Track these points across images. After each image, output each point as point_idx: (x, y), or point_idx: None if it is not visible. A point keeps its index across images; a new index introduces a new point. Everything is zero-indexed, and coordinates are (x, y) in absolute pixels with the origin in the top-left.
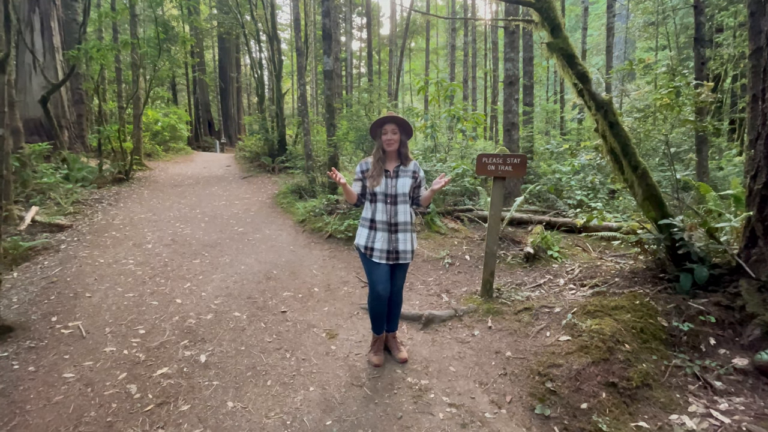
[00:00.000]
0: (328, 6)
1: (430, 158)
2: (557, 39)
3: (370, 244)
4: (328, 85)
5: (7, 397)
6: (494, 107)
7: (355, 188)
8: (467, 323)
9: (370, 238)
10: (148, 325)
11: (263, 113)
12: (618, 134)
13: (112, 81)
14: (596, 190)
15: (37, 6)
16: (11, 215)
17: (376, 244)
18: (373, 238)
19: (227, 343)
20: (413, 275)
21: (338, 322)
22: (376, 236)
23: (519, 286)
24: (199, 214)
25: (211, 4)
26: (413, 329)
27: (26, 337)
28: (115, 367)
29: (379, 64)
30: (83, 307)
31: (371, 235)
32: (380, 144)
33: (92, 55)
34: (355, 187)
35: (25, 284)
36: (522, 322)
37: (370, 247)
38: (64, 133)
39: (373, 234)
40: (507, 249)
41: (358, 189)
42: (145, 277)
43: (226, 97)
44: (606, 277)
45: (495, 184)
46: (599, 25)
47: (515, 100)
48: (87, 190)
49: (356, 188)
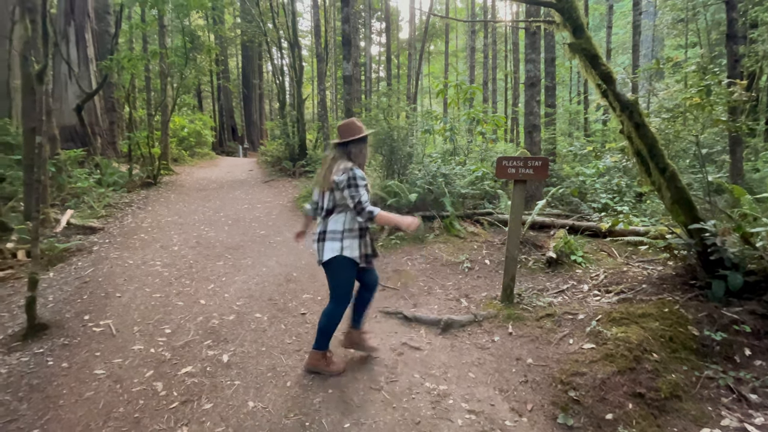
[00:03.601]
0: (347, 12)
1: (449, 161)
2: (580, 39)
3: (363, 251)
4: (348, 90)
5: (41, 392)
6: (515, 109)
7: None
8: (487, 329)
9: (362, 246)
10: (174, 324)
11: (284, 118)
12: (644, 135)
13: (142, 89)
14: (622, 193)
15: (72, 19)
16: (48, 218)
17: (368, 249)
18: (363, 244)
19: (249, 344)
20: (432, 279)
21: None
22: (364, 242)
23: (541, 292)
24: (223, 217)
25: (235, 13)
26: (431, 334)
27: (60, 334)
28: (142, 365)
29: (398, 68)
30: (113, 307)
31: (361, 243)
32: (365, 155)
33: (123, 65)
34: (367, 197)
35: (60, 284)
36: (544, 328)
37: (364, 254)
38: (97, 139)
39: (361, 241)
40: (528, 253)
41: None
42: (171, 278)
43: (248, 103)
44: (633, 283)
45: (516, 187)
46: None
47: (537, 101)
48: (118, 194)
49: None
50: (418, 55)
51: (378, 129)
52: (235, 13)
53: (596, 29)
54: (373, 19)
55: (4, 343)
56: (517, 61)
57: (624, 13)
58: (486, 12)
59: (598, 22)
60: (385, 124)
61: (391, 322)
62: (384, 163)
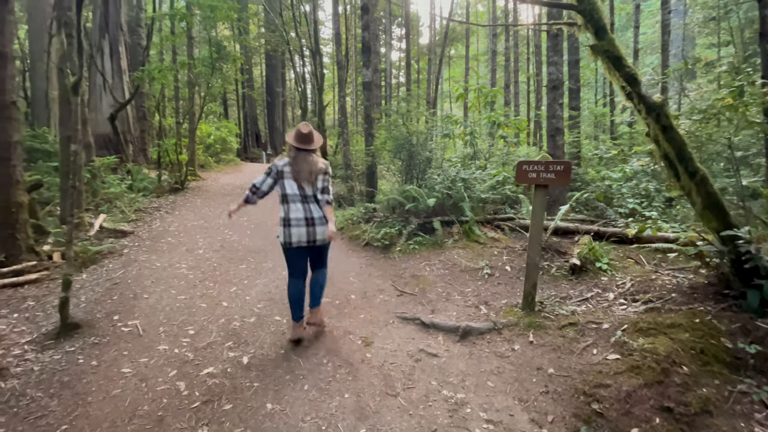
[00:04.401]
0: (367, 20)
1: (469, 165)
2: (602, 41)
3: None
4: (367, 96)
5: (71, 389)
6: (538, 112)
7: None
8: (507, 337)
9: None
10: (197, 326)
11: None
12: (672, 138)
13: (171, 98)
14: (651, 197)
15: (107, 33)
16: (83, 222)
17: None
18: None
19: (268, 347)
20: (450, 285)
21: (374, 330)
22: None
23: (564, 300)
24: (246, 221)
25: (259, 23)
26: (449, 341)
27: (91, 333)
28: (166, 365)
29: (418, 73)
30: (141, 308)
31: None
32: None
33: (154, 76)
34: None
35: (92, 285)
36: (566, 337)
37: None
38: (129, 147)
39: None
40: (551, 260)
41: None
42: (196, 281)
43: (272, 110)
44: (661, 292)
45: (537, 192)
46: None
47: (559, 104)
48: (147, 199)
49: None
50: (438, 59)
51: (397, 134)
52: (259, 23)
53: (623, 29)
54: (393, 25)
55: (38, 341)
56: (539, 64)
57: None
58: (507, 15)
59: (625, 21)
60: (404, 129)
61: (408, 328)
62: (402, 168)
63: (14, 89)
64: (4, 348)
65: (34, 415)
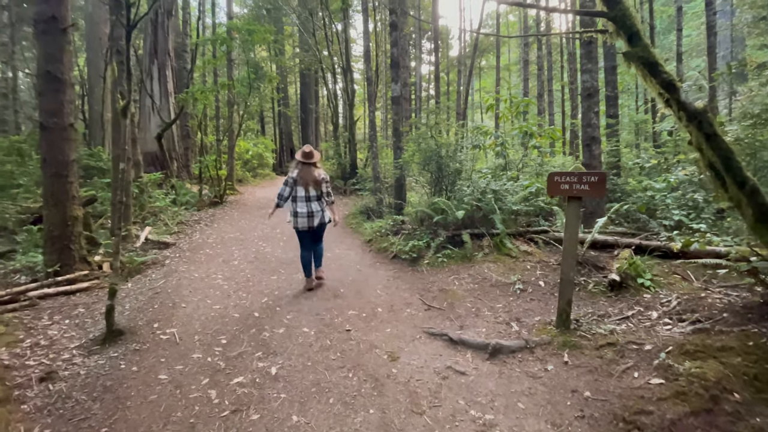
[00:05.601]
0: (396, 36)
1: (500, 177)
2: (636, 47)
3: None
4: (396, 111)
5: (113, 393)
6: (573, 121)
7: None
8: (539, 356)
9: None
10: (230, 335)
11: (337, 140)
12: (717, 147)
13: (213, 117)
14: (699, 209)
15: (155, 59)
16: (130, 234)
17: None
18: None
19: (296, 358)
20: (480, 300)
21: (400, 345)
22: None
23: (601, 318)
24: (279, 233)
25: (294, 44)
26: (478, 358)
27: (133, 340)
28: (200, 373)
29: (447, 85)
30: (179, 316)
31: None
32: None
33: (197, 97)
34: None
35: (136, 294)
36: (604, 359)
37: None
38: (174, 163)
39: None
40: (588, 275)
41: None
42: (230, 291)
43: (306, 126)
44: (711, 311)
45: (570, 204)
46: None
47: (595, 112)
48: (189, 212)
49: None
50: (468, 71)
51: (425, 146)
52: (294, 44)
53: (665, 32)
54: (423, 40)
55: (86, 346)
56: (574, 72)
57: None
58: (539, 24)
59: (667, 24)
60: (432, 141)
61: (435, 343)
62: (431, 180)
63: (72, 113)
64: (55, 352)
65: (77, 418)
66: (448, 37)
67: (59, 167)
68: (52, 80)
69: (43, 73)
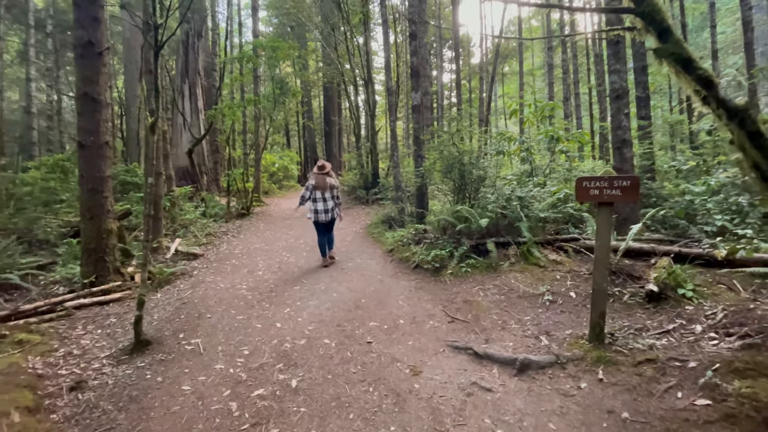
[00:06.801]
0: (415, 46)
1: (525, 183)
2: (667, 44)
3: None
4: (416, 119)
5: (138, 403)
6: (602, 124)
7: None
8: (572, 373)
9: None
10: (252, 346)
11: (359, 150)
12: (762, 146)
13: (240, 132)
14: (744, 213)
15: (186, 78)
16: (161, 246)
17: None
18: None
19: (316, 370)
20: (506, 312)
21: (423, 359)
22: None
23: (639, 332)
24: (303, 243)
25: (317, 59)
26: (505, 374)
27: (159, 350)
28: (221, 384)
29: (469, 92)
30: (204, 327)
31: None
32: None
33: (224, 113)
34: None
35: (164, 304)
36: (643, 376)
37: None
38: (204, 177)
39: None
40: (623, 286)
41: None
42: (254, 302)
43: (329, 138)
44: (761, 324)
45: (600, 211)
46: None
47: (625, 114)
48: (217, 224)
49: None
50: (490, 77)
51: (447, 153)
52: (317, 58)
53: (697, 30)
54: (444, 48)
55: (115, 356)
56: (602, 73)
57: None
58: (563, 27)
59: (700, 21)
60: (454, 148)
61: (459, 357)
62: (453, 188)
63: (107, 131)
64: (86, 361)
65: (103, 427)
66: (468, 44)
67: (95, 183)
68: (89, 101)
69: (81, 95)
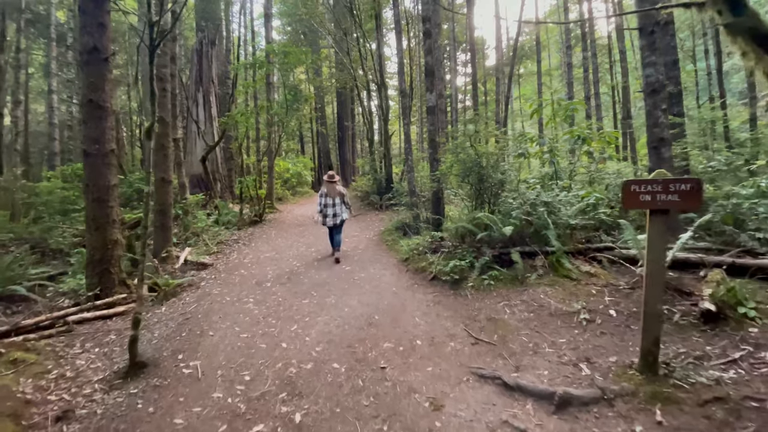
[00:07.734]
0: (430, 44)
1: (550, 187)
2: (741, 17)
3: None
4: (431, 121)
5: None
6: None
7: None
8: (622, 411)
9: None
10: (254, 370)
11: (373, 155)
12: None
13: (254, 140)
14: None
15: (200, 86)
16: (170, 256)
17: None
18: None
19: (323, 401)
20: (538, 333)
21: (444, 389)
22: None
23: (699, 361)
24: (314, 251)
25: (330, 65)
26: (542, 411)
27: (155, 374)
28: (217, 417)
29: (485, 95)
30: (205, 346)
31: None
32: None
33: (237, 120)
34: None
35: (167, 320)
36: (713, 419)
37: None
38: (217, 184)
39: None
40: (672, 303)
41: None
42: (260, 317)
43: (342, 144)
44: None
45: (653, 219)
46: None
47: (662, 110)
48: (229, 232)
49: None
50: (507, 78)
51: (464, 156)
52: (330, 65)
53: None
54: (458, 51)
55: (109, 380)
56: (626, 71)
57: None
58: (583, 26)
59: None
60: (471, 151)
61: (486, 388)
62: (472, 193)
63: (113, 139)
64: (77, 386)
65: None
66: (483, 47)
67: (101, 192)
68: (94, 108)
69: (86, 102)
